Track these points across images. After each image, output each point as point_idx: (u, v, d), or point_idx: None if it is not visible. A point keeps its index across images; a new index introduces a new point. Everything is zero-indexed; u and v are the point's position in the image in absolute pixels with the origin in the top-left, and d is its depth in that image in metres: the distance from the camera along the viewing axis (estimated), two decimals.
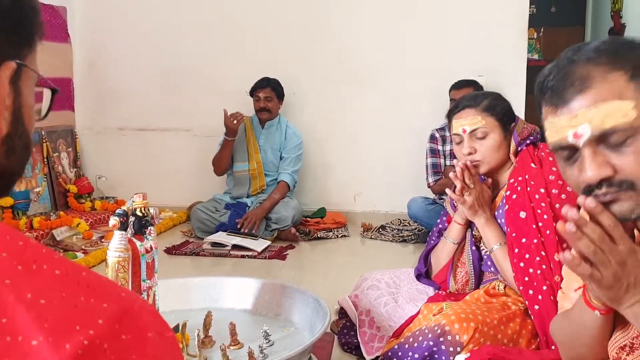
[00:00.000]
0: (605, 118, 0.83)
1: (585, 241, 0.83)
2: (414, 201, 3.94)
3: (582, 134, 0.85)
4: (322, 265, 3.26)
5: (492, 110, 1.71)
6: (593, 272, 0.84)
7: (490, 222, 1.72)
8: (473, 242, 1.81)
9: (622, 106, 0.83)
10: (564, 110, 0.86)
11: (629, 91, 0.83)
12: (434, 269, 1.92)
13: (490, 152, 1.71)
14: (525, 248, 1.56)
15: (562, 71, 0.88)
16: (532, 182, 1.62)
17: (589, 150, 0.85)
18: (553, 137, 0.90)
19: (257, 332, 1.69)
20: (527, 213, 1.59)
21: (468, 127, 1.70)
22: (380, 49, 4.35)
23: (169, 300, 1.95)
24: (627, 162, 0.83)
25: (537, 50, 6.68)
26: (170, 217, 4.18)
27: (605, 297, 0.89)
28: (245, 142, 4.10)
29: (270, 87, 4.04)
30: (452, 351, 1.43)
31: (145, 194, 1.69)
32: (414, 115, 4.30)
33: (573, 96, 0.85)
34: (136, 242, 1.65)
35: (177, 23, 4.54)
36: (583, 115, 0.84)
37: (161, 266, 3.03)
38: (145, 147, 4.69)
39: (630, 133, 0.83)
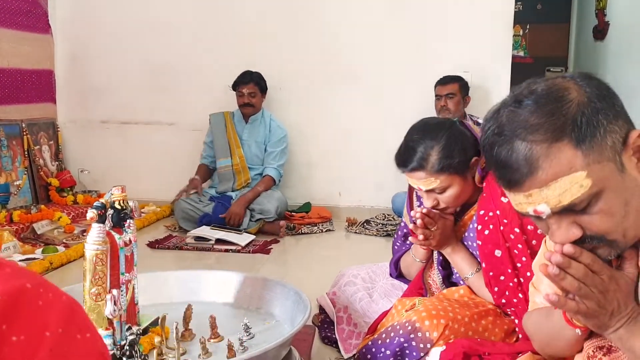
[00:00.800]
0: (560, 196, 0.82)
1: (570, 279, 0.84)
2: (398, 196, 3.96)
3: (542, 211, 0.85)
4: (306, 260, 3.26)
5: (443, 169, 1.54)
6: (579, 307, 0.86)
7: (458, 250, 1.63)
8: (440, 262, 1.73)
9: (575, 179, 0.81)
10: (517, 189, 0.86)
11: (577, 159, 0.81)
12: (405, 276, 1.89)
13: (454, 200, 1.59)
14: (504, 286, 1.50)
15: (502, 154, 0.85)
16: (505, 220, 1.50)
17: (553, 220, 0.86)
18: (515, 206, 0.90)
19: (238, 325, 1.68)
20: (502, 252, 1.49)
21: (423, 187, 1.57)
22: (366, 46, 4.34)
23: (149, 294, 1.93)
24: (593, 222, 0.84)
25: (522, 47, 6.71)
26: (154, 212, 4.15)
27: (591, 326, 0.91)
28: (226, 138, 4.07)
29: (254, 82, 4.01)
30: (423, 347, 1.42)
31: (124, 186, 1.67)
32: (400, 111, 4.30)
33: (523, 180, 0.84)
34: (115, 235, 1.63)
35: (162, 17, 4.50)
36: (537, 195, 0.84)
37: (143, 260, 3.01)
38: (129, 141, 4.65)
39: (590, 200, 0.83)
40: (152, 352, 1.53)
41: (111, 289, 1.58)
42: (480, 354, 1.34)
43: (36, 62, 4.35)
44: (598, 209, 0.83)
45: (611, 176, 0.82)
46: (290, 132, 4.26)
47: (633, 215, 0.84)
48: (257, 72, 4.07)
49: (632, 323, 0.88)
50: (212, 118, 4.17)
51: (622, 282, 0.89)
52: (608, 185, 0.82)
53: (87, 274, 1.54)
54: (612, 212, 0.83)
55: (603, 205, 0.83)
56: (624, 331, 0.88)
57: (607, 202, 0.82)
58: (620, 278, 0.89)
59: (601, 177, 0.81)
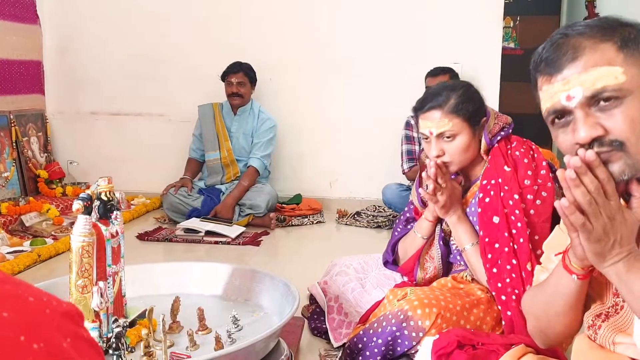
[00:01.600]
0: (596, 80, 0.88)
1: (583, 189, 0.87)
2: (388, 187, 3.96)
3: (574, 95, 0.90)
4: (296, 251, 3.26)
5: (460, 111, 1.63)
6: (585, 222, 0.88)
7: (462, 220, 1.68)
8: (442, 237, 1.78)
9: (612, 71, 0.88)
10: (557, 77, 0.92)
11: (618, 59, 0.89)
12: (401, 259, 1.88)
13: (459, 153, 1.65)
14: (498, 254, 1.53)
15: (555, 44, 0.94)
16: (506, 187, 1.57)
17: (581, 112, 0.90)
18: (547, 103, 0.95)
19: (226, 317, 1.68)
20: (500, 218, 1.55)
21: (435, 129, 1.63)
22: (356, 37, 4.33)
23: (137, 286, 1.93)
24: (617, 123, 0.88)
25: (513, 39, 6.71)
26: (144, 204, 4.13)
27: (591, 252, 0.91)
28: (214, 131, 4.03)
29: (243, 72, 3.95)
30: (415, 336, 1.43)
31: (110, 177, 1.66)
32: (391, 102, 4.30)
33: (566, 64, 0.91)
34: (101, 227, 1.62)
35: (152, 7, 4.46)
36: (575, 79, 0.90)
37: (133, 252, 3.02)
38: (119, 132, 4.62)
39: (619, 95, 0.88)
40: (139, 344, 1.53)
41: (98, 281, 1.57)
42: (474, 344, 1.34)
43: (24, 52, 4.30)
44: (624, 110, 0.88)
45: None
46: (280, 123, 4.24)
47: None
48: (247, 63, 4.01)
49: (632, 259, 0.90)
50: (201, 110, 4.12)
51: (629, 218, 0.91)
52: (638, 92, 0.89)
53: (73, 266, 1.53)
54: (635, 119, 0.88)
55: (629, 108, 0.88)
56: (622, 265, 0.90)
57: (632, 107, 0.88)
58: (627, 214, 0.91)
59: (634, 81, 0.88)
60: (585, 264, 0.97)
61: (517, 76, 5.12)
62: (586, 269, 0.98)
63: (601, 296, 1.04)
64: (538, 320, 1.12)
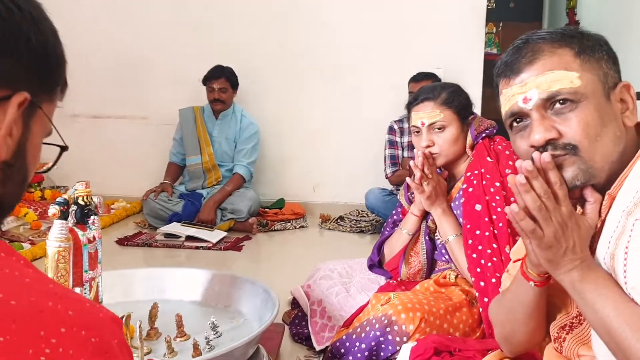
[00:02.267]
0: (552, 83, 0.90)
1: (533, 195, 0.87)
2: (371, 192, 3.96)
3: (530, 97, 0.92)
4: (279, 256, 3.24)
5: (451, 103, 1.73)
6: (535, 229, 0.88)
7: (447, 213, 1.74)
8: (427, 233, 1.83)
9: (568, 75, 0.90)
10: (515, 80, 0.94)
11: (574, 65, 0.91)
12: (386, 258, 1.92)
13: (448, 144, 1.73)
14: (479, 240, 1.57)
15: (515, 48, 0.96)
16: (488, 176, 1.64)
17: (537, 114, 0.91)
18: (506, 106, 0.96)
19: (205, 324, 1.66)
20: (482, 206, 1.61)
21: (427, 120, 1.72)
22: (341, 42, 4.33)
23: (115, 292, 1.90)
24: (571, 127, 0.89)
25: (496, 45, 6.79)
26: (124, 208, 4.09)
27: (544, 259, 0.91)
28: (195, 135, 3.97)
29: (225, 77, 3.89)
30: (399, 341, 1.43)
31: (88, 182, 1.63)
32: (374, 107, 4.31)
33: (524, 67, 0.93)
34: (78, 232, 1.59)
35: (135, 8, 4.43)
36: (532, 82, 0.92)
37: (112, 258, 2.98)
38: (100, 135, 4.57)
39: (574, 98, 0.89)
40: None
41: (74, 287, 1.54)
42: (451, 350, 1.34)
43: None
44: (578, 114, 0.89)
45: (597, 92, 0.90)
46: (264, 126, 4.23)
47: (605, 142, 0.89)
48: (229, 67, 3.95)
49: (586, 267, 0.89)
50: (182, 113, 4.06)
51: (582, 224, 0.90)
52: (593, 97, 0.90)
53: (49, 271, 1.50)
54: (589, 123, 0.89)
55: (583, 112, 0.89)
56: (577, 274, 0.89)
57: (587, 111, 0.89)
58: (580, 220, 0.91)
59: (589, 87, 0.90)
60: (541, 270, 0.97)
61: None
62: (542, 275, 0.98)
63: (566, 305, 1.03)
64: (502, 327, 1.11)
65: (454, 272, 1.72)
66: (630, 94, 0.94)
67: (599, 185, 0.92)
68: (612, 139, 0.89)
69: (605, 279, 0.87)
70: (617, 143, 0.90)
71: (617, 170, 0.91)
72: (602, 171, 0.90)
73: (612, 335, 0.83)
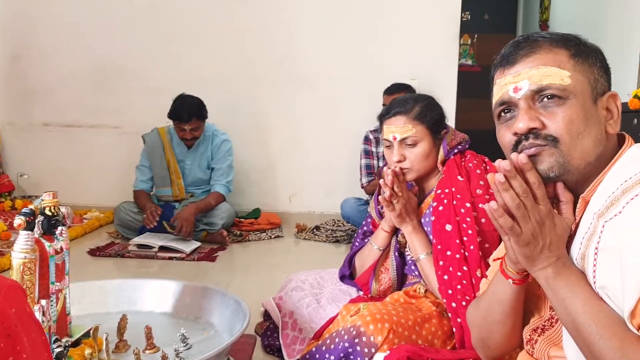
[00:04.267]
0: (543, 77, 0.94)
1: (512, 193, 0.90)
2: (346, 202, 3.97)
3: (521, 87, 0.95)
4: (253, 267, 3.22)
5: (424, 118, 1.71)
6: (514, 226, 0.91)
7: (417, 230, 1.71)
8: (397, 248, 1.81)
9: (560, 73, 0.94)
10: (510, 70, 0.98)
11: (568, 65, 0.95)
12: (358, 272, 1.90)
13: (419, 160, 1.71)
14: (449, 261, 1.55)
15: (515, 42, 1.00)
16: (459, 196, 1.62)
17: (525, 104, 0.95)
18: (497, 94, 1.00)
19: (176, 336, 1.64)
20: (452, 226, 1.59)
21: (399, 135, 1.70)
22: (317, 53, 4.35)
23: (84, 304, 1.87)
24: (555, 120, 0.93)
25: (471, 56, 6.86)
26: (97, 218, 4.03)
27: (522, 255, 0.94)
28: (165, 166, 3.72)
29: (195, 117, 3.58)
30: (367, 352, 1.42)
31: (55, 192, 1.60)
32: (350, 117, 4.33)
33: (520, 59, 0.97)
34: (45, 243, 1.57)
35: (109, 19, 4.40)
36: (525, 73, 0.96)
37: (83, 268, 2.94)
38: (72, 144, 4.51)
39: (562, 95, 0.93)
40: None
41: (40, 299, 1.51)
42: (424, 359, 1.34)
43: None
44: (564, 110, 0.93)
45: (585, 94, 0.94)
46: (239, 136, 4.21)
47: (586, 142, 0.93)
48: (196, 101, 3.63)
49: (561, 265, 0.92)
50: (147, 140, 3.79)
51: (559, 223, 0.94)
52: (580, 98, 0.94)
53: None
54: (574, 120, 0.92)
55: (569, 109, 0.93)
56: (552, 270, 0.92)
57: (573, 109, 0.93)
58: (557, 219, 0.94)
59: (578, 87, 0.94)
60: (519, 268, 1.00)
61: (474, 93, 5.23)
62: (521, 273, 1.01)
63: (539, 309, 1.06)
64: (480, 329, 1.13)
65: (423, 287, 1.72)
66: (617, 104, 0.98)
67: (571, 183, 0.96)
68: (593, 140, 0.93)
69: (578, 277, 0.91)
70: (597, 145, 0.93)
71: (591, 172, 0.94)
72: (578, 169, 0.93)
73: (579, 331, 0.87)
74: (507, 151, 0.99)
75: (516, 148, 0.96)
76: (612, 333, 0.83)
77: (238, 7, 4.35)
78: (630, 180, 0.88)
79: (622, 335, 0.83)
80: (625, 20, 3.80)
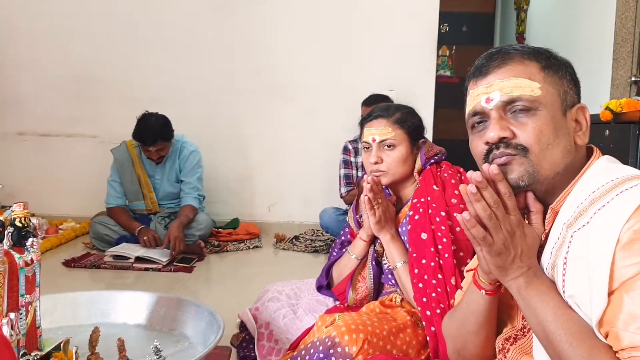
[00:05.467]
0: (514, 88, 0.96)
1: (483, 204, 0.91)
2: (325, 212, 3.97)
3: (493, 98, 0.97)
4: (230, 278, 3.20)
5: (403, 123, 1.74)
6: (486, 236, 0.92)
7: (395, 239, 1.73)
8: (374, 257, 1.82)
9: (531, 84, 0.96)
10: (482, 81, 1.00)
11: (538, 77, 0.97)
12: (335, 281, 1.90)
13: (396, 164, 1.73)
14: (425, 269, 1.57)
15: (489, 54, 1.02)
16: (434, 205, 1.64)
17: (496, 114, 0.97)
18: (470, 105, 1.02)
19: (149, 348, 1.61)
20: (427, 235, 1.61)
21: (378, 136, 1.73)
22: (296, 64, 4.37)
23: (56, 316, 1.84)
24: (526, 131, 0.95)
25: (449, 67, 6.94)
26: (73, 228, 3.98)
27: (493, 265, 0.95)
28: (135, 181, 3.67)
29: (160, 139, 3.51)
30: None
31: (26, 203, 1.57)
32: (329, 128, 4.34)
33: (492, 70, 0.99)
34: (14, 255, 1.53)
35: (87, 28, 4.37)
36: (497, 84, 0.98)
37: (57, 280, 2.90)
38: (48, 154, 4.45)
39: (532, 106, 0.95)
40: None
41: (8, 312, 1.48)
42: None
43: None
44: (534, 121, 0.95)
45: (555, 106, 0.96)
46: (218, 146, 4.20)
47: (555, 152, 0.95)
48: (160, 122, 3.52)
49: (532, 274, 0.93)
50: (116, 155, 3.72)
51: (529, 233, 0.95)
52: (550, 109, 0.96)
53: None
54: (543, 131, 0.94)
55: (539, 120, 0.95)
56: (523, 280, 0.93)
57: (543, 120, 0.95)
58: (528, 229, 0.95)
59: (548, 99, 0.96)
60: (492, 278, 1.01)
61: (452, 103, 5.29)
62: (493, 284, 1.02)
63: (512, 319, 1.07)
64: (454, 340, 1.14)
65: (399, 296, 1.73)
66: (586, 116, 1.00)
67: (540, 193, 0.97)
68: (562, 151, 0.95)
69: (549, 286, 0.92)
70: (565, 156, 0.95)
71: (560, 183, 0.96)
72: (547, 179, 0.95)
73: (549, 340, 0.88)
74: (479, 161, 1.00)
75: (487, 157, 0.97)
76: (581, 341, 0.84)
77: (217, 19, 4.35)
78: (598, 191, 0.89)
79: (590, 343, 0.84)
80: (598, 33, 3.88)
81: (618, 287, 0.81)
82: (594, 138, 1.04)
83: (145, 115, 3.56)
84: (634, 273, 0.80)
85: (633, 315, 0.79)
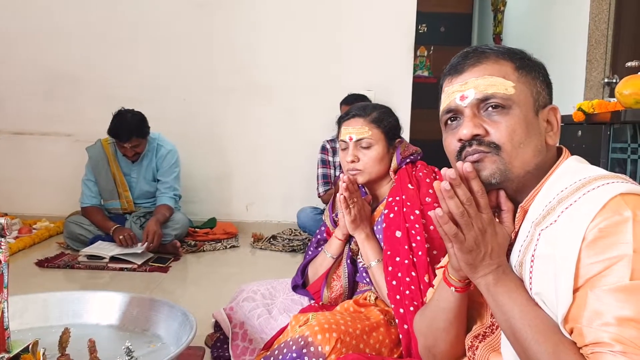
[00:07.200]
0: (489, 86, 0.98)
1: (456, 201, 0.92)
2: (303, 211, 3.97)
3: (467, 96, 0.99)
4: (206, 278, 3.17)
5: (380, 122, 1.76)
6: (458, 233, 0.93)
7: (370, 237, 1.75)
8: (349, 256, 1.84)
9: (505, 83, 0.98)
10: (458, 79, 1.01)
11: (512, 76, 0.99)
12: (310, 280, 1.91)
13: (372, 162, 1.75)
14: (398, 267, 1.58)
15: (464, 52, 1.04)
16: (409, 203, 1.66)
17: (470, 111, 0.98)
18: (445, 102, 1.03)
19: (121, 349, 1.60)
20: (402, 232, 1.62)
21: (355, 135, 1.74)
22: (273, 62, 4.36)
23: (27, 317, 1.81)
24: (498, 129, 0.96)
25: (427, 68, 6.98)
26: (47, 228, 3.92)
27: (464, 262, 0.96)
28: (111, 180, 3.62)
29: (135, 135, 3.47)
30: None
31: None
32: (307, 127, 4.34)
33: (467, 68, 1.01)
34: None
35: (60, 24, 4.31)
36: (472, 82, 0.99)
37: (29, 280, 2.85)
38: (22, 152, 4.38)
39: (505, 104, 0.96)
40: None
41: None
42: None
43: None
44: (507, 119, 0.96)
45: (527, 105, 0.98)
46: (196, 145, 4.17)
47: (526, 151, 0.96)
48: (137, 119, 3.50)
49: (501, 272, 0.95)
50: (90, 153, 3.67)
51: (500, 232, 0.97)
52: (523, 108, 0.97)
53: None
54: (516, 130, 0.96)
55: (512, 119, 0.96)
56: (492, 277, 0.95)
57: (516, 119, 0.96)
58: (498, 227, 0.97)
59: (521, 98, 0.97)
60: (462, 275, 1.02)
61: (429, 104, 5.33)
62: (463, 281, 1.03)
63: (481, 317, 1.09)
64: (425, 338, 1.15)
65: (374, 294, 1.74)
66: (557, 117, 1.02)
67: (510, 191, 0.99)
68: (533, 150, 0.96)
69: (517, 284, 0.94)
70: (536, 155, 0.97)
71: (530, 182, 0.97)
72: (518, 177, 0.96)
73: (516, 337, 0.90)
74: (452, 158, 1.02)
75: (460, 155, 0.99)
76: (547, 338, 0.86)
77: (196, 17, 4.32)
78: (565, 191, 0.91)
79: (556, 340, 0.85)
80: (572, 35, 3.94)
81: (583, 284, 0.83)
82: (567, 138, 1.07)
83: (121, 112, 3.52)
84: (598, 270, 0.82)
85: (597, 312, 0.81)
